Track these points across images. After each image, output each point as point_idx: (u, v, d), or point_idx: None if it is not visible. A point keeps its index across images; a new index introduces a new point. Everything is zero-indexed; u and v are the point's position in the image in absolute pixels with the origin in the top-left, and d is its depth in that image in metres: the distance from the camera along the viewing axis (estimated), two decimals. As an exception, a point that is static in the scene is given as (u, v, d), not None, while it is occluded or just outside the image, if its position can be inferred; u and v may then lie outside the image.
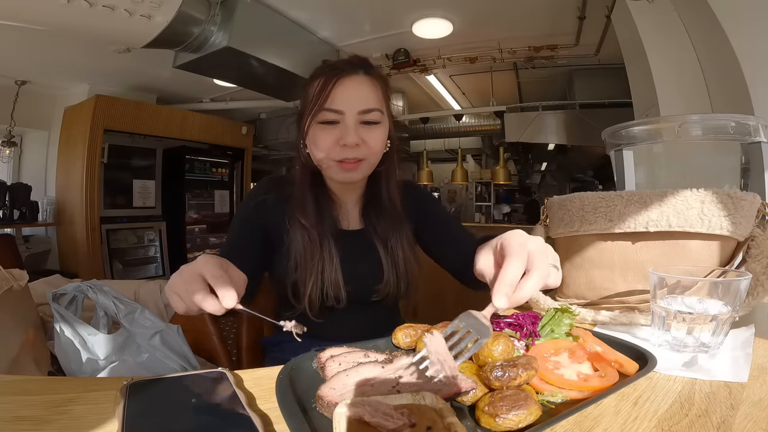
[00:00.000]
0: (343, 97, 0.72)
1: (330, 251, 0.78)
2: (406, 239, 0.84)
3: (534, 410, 0.34)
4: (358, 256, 0.81)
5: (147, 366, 0.80)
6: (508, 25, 2.72)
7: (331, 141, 0.73)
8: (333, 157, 0.74)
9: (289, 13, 2.58)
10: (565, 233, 0.74)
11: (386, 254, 0.82)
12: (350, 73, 0.74)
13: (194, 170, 4.34)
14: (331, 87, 0.72)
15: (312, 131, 0.75)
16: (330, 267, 0.77)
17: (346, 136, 0.72)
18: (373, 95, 0.75)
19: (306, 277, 0.76)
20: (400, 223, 0.84)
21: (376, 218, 0.84)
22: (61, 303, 0.81)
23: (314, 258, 0.76)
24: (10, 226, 3.41)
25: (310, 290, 0.76)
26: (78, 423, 0.36)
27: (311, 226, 0.77)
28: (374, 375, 0.40)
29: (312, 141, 0.76)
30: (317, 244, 0.77)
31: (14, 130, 3.57)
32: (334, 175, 0.77)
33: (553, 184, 7.26)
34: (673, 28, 1.56)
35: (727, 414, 0.37)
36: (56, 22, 1.99)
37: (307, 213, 0.78)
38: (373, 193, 0.86)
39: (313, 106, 0.73)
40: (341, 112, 0.72)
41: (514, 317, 0.54)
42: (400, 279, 0.83)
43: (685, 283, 0.53)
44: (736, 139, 0.84)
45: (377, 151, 0.77)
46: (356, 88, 0.74)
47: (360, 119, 0.73)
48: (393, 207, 0.84)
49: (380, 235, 0.83)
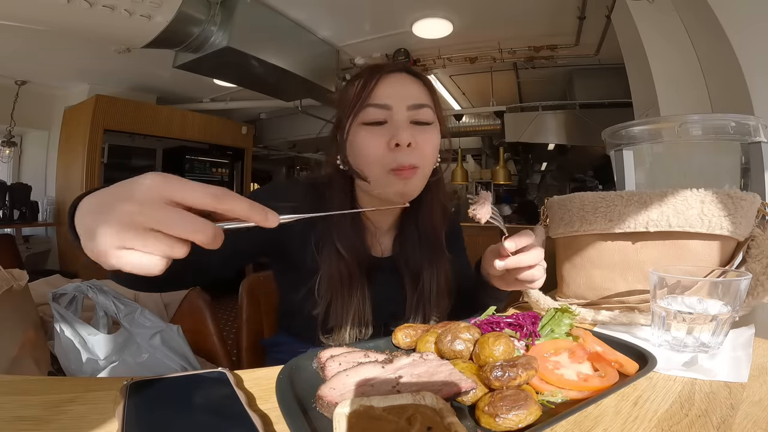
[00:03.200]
0: (389, 92, 0.63)
1: (363, 284, 0.69)
2: (443, 274, 0.74)
3: (534, 410, 0.34)
4: (385, 285, 0.73)
5: (147, 366, 0.80)
6: (508, 25, 2.71)
7: (380, 145, 0.62)
8: (385, 165, 0.62)
9: (289, 13, 2.58)
10: (565, 233, 0.74)
11: (413, 287, 0.72)
12: (393, 71, 0.66)
13: (194, 170, 4.34)
14: (375, 82, 0.63)
15: (354, 137, 0.64)
16: (363, 301, 0.68)
17: (399, 134, 0.60)
18: (422, 92, 0.66)
19: (339, 310, 0.67)
20: (439, 255, 0.73)
21: (411, 247, 0.73)
22: (61, 303, 0.81)
23: (351, 290, 0.67)
24: (10, 226, 3.41)
25: (349, 324, 0.67)
26: (78, 423, 0.36)
27: (350, 255, 0.67)
28: (374, 375, 0.40)
29: (355, 149, 0.64)
30: (355, 276, 0.68)
31: (14, 130, 3.58)
32: (387, 188, 0.63)
33: (553, 184, 7.25)
34: (673, 28, 1.56)
35: (727, 414, 0.37)
36: (56, 22, 1.98)
37: (345, 241, 0.67)
38: (411, 218, 0.73)
39: (355, 104, 0.63)
40: (389, 107, 0.62)
41: (514, 317, 0.54)
42: (426, 313, 0.73)
43: (685, 283, 0.53)
44: (736, 139, 0.84)
45: (431, 158, 0.65)
46: (402, 83, 0.65)
47: (410, 117, 0.63)
48: (434, 236, 0.73)
49: (410, 267, 0.73)
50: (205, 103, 4.31)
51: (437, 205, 0.73)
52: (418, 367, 0.42)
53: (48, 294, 0.81)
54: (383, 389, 0.38)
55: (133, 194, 0.31)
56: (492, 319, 0.54)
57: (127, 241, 0.30)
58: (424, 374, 0.41)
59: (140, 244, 0.30)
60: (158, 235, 0.31)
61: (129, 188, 0.32)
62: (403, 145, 0.61)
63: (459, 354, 0.46)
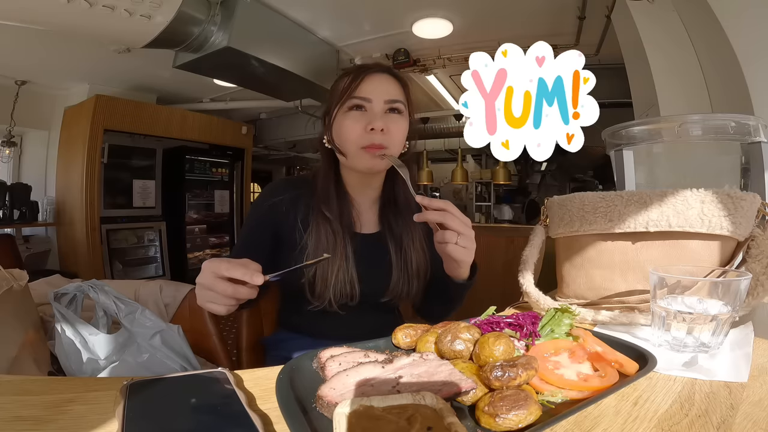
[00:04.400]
0: (370, 88, 0.78)
1: (347, 249, 0.80)
2: (418, 240, 0.86)
3: (534, 410, 0.34)
4: (371, 258, 0.83)
5: (147, 366, 0.80)
6: (508, 25, 2.71)
7: (358, 127, 0.77)
8: (360, 143, 0.77)
9: (289, 13, 2.58)
10: (565, 233, 0.74)
11: (398, 255, 0.84)
12: (377, 71, 0.81)
13: (194, 170, 4.34)
14: (361, 79, 0.79)
15: (339, 120, 0.79)
16: (346, 264, 0.79)
17: (374, 121, 0.76)
18: (398, 90, 0.81)
19: (328, 270, 0.78)
20: (414, 223, 0.85)
21: (394, 219, 0.86)
22: (61, 303, 0.81)
23: (336, 250, 0.78)
24: (10, 226, 3.42)
25: (333, 282, 0.77)
26: (78, 423, 0.36)
27: (335, 218, 0.80)
28: (374, 375, 0.40)
29: (339, 129, 0.79)
30: (340, 236, 0.79)
31: (14, 130, 3.58)
32: (359, 162, 0.79)
33: (553, 184, 7.25)
34: (673, 28, 1.56)
35: (727, 414, 0.37)
36: (56, 22, 1.99)
37: (331, 206, 0.81)
38: (389, 195, 0.89)
39: (342, 95, 0.79)
40: (369, 99, 0.78)
41: (514, 317, 0.54)
42: (410, 279, 0.84)
43: (685, 283, 0.53)
44: (736, 139, 0.83)
45: (399, 141, 0.80)
46: (383, 82, 0.80)
47: (386, 108, 0.79)
48: (408, 208, 0.86)
49: (395, 236, 0.85)
50: (205, 103, 4.31)
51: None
52: (418, 367, 0.42)
53: (49, 294, 0.81)
54: (383, 389, 0.38)
55: (203, 275, 0.56)
56: (492, 319, 0.54)
57: (204, 302, 0.57)
58: (424, 374, 0.41)
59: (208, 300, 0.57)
60: (217, 295, 0.55)
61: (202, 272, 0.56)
62: (377, 130, 0.76)
63: (459, 354, 0.46)
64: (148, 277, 4.06)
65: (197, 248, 4.43)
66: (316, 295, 0.79)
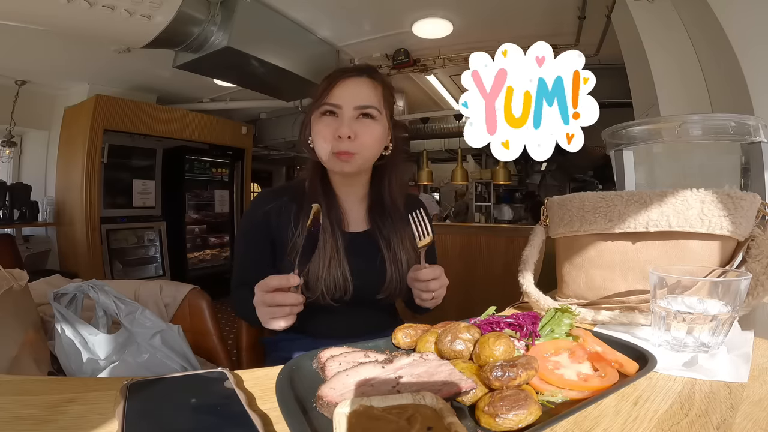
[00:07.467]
0: (342, 94, 0.79)
1: (337, 243, 0.81)
2: (408, 239, 0.87)
3: (534, 410, 0.34)
4: (363, 255, 0.84)
5: (147, 366, 0.80)
6: (508, 25, 2.71)
7: (329, 133, 0.79)
8: (331, 149, 0.79)
9: (289, 13, 2.57)
10: (565, 233, 0.74)
11: (389, 253, 0.85)
12: (353, 76, 0.81)
13: (194, 170, 4.34)
14: (334, 85, 0.80)
15: (314, 124, 0.82)
16: (338, 256, 0.80)
17: (341, 128, 0.77)
18: (372, 94, 0.81)
19: (320, 263, 0.79)
20: (402, 223, 0.87)
21: (381, 219, 0.88)
22: (61, 303, 0.81)
23: (327, 245, 0.80)
24: (10, 226, 3.41)
25: (324, 275, 0.79)
26: (78, 423, 0.36)
27: (323, 214, 0.81)
28: (374, 375, 0.40)
29: (315, 134, 0.82)
30: (329, 231, 0.81)
31: (14, 130, 3.57)
32: (332, 166, 0.82)
33: (553, 184, 7.25)
34: (673, 28, 1.55)
35: (727, 414, 0.37)
36: (56, 22, 1.98)
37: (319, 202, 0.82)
38: (377, 195, 0.90)
39: (317, 100, 0.81)
40: (339, 106, 0.79)
41: (514, 317, 0.54)
42: (402, 277, 0.85)
43: (685, 283, 0.53)
44: (736, 139, 0.83)
45: (370, 145, 0.81)
46: (356, 86, 0.81)
47: (356, 114, 0.79)
48: (395, 208, 0.88)
49: (384, 235, 0.86)
50: (205, 103, 4.31)
51: (394, 182, 0.91)
52: (418, 367, 0.42)
53: (49, 294, 0.81)
54: (383, 389, 0.38)
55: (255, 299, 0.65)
56: (492, 319, 0.54)
57: (267, 320, 0.65)
58: (424, 374, 0.41)
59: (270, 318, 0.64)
60: (272, 309, 0.63)
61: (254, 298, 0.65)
62: (344, 137, 0.77)
63: (459, 354, 0.46)
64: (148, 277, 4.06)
65: (197, 248, 4.43)
66: (309, 286, 0.79)
